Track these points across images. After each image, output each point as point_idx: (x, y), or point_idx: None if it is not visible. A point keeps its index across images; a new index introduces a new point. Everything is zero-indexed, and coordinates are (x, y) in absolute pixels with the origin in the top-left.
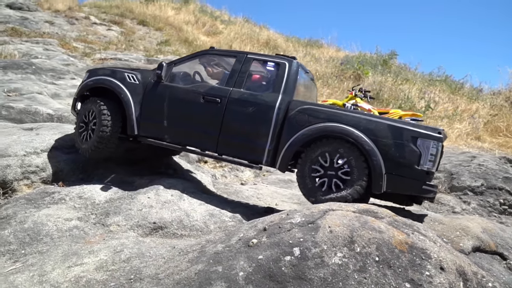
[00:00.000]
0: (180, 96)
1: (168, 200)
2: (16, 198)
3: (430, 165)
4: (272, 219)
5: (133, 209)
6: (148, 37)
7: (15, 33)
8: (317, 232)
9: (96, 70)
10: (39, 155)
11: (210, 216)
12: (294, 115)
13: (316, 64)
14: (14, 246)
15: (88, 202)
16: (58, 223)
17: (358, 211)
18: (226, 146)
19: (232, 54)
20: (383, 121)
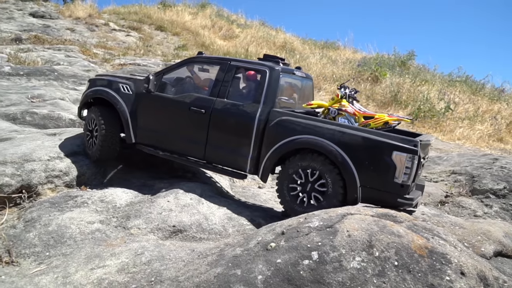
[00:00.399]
0: (168, 106)
1: (187, 204)
2: (41, 201)
3: (405, 178)
4: (290, 223)
5: (153, 212)
6: (166, 42)
7: (38, 41)
8: (335, 236)
9: (95, 81)
10: (62, 159)
11: (228, 219)
12: (272, 127)
13: (333, 66)
14: (39, 248)
15: (110, 206)
16: (81, 226)
17: (376, 215)
18: (213, 154)
19: (216, 61)
20: (358, 133)
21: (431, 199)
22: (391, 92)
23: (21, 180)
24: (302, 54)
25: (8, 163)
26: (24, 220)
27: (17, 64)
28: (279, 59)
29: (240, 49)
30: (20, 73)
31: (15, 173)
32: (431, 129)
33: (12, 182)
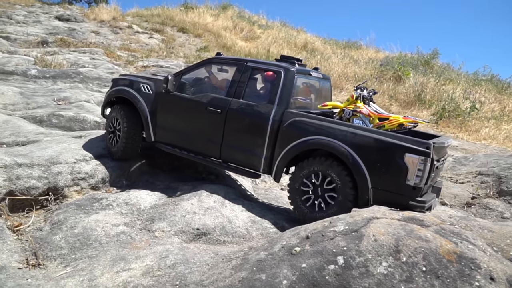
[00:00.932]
0: (186, 106)
1: (210, 207)
2: (67, 204)
3: (417, 181)
4: (314, 226)
5: (177, 215)
6: (188, 43)
7: (63, 44)
8: (361, 240)
9: (118, 80)
10: (88, 162)
11: (252, 222)
12: (286, 127)
13: (355, 66)
14: (65, 251)
15: (134, 208)
16: (106, 228)
17: (403, 219)
18: (229, 154)
19: (233, 62)
20: (370, 134)
21: (457, 201)
22: (414, 91)
23: (48, 182)
24: (323, 54)
25: (35, 166)
26: (51, 223)
27: (43, 67)
28: (295, 60)
29: (262, 50)
30: (47, 76)
31: (42, 176)
32: (456, 129)
33: (39, 185)
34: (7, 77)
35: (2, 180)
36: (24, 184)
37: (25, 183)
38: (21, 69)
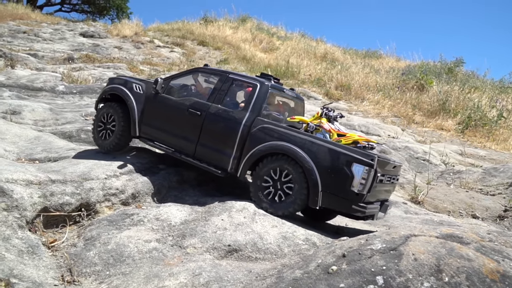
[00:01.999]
0: (170, 107)
1: (241, 222)
2: (99, 219)
3: (360, 188)
4: (350, 244)
5: (208, 231)
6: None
7: (88, 59)
8: (401, 259)
9: (114, 79)
10: (118, 177)
11: (283, 239)
12: (255, 132)
13: (376, 75)
14: (99, 267)
15: (165, 224)
16: (138, 244)
17: (441, 236)
18: (202, 152)
19: (217, 73)
20: (325, 144)
21: (489, 214)
22: (438, 100)
23: (81, 198)
24: (343, 64)
25: (68, 182)
26: (84, 239)
27: (70, 83)
28: (272, 77)
29: (281, 61)
30: (73, 92)
31: (75, 192)
32: (483, 139)
33: (72, 201)
34: (36, 94)
35: (37, 197)
36: (58, 200)
37: (59, 199)
38: (49, 85)
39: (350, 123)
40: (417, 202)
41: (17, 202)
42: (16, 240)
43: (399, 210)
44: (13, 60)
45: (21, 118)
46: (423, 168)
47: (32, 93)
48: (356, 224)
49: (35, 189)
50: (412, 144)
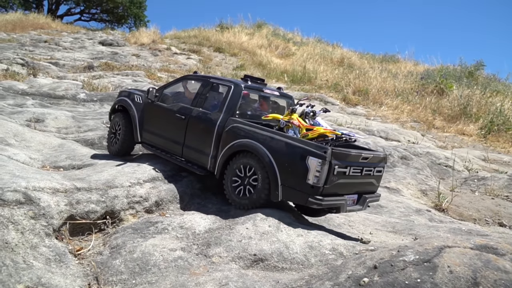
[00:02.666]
0: (162, 113)
1: (266, 231)
2: (124, 227)
3: (315, 180)
4: (381, 255)
5: (233, 240)
6: (224, 63)
7: (108, 67)
8: (435, 272)
9: (121, 92)
10: (142, 185)
11: (309, 248)
12: (227, 131)
13: (393, 80)
14: (125, 276)
15: (189, 232)
16: (163, 253)
17: (476, 247)
18: (188, 153)
19: (200, 78)
20: (283, 139)
21: None
22: (459, 105)
23: (106, 206)
24: (360, 68)
25: (93, 190)
26: (110, 247)
27: (91, 91)
28: (256, 79)
29: (297, 67)
30: (94, 99)
31: (99, 200)
32: (507, 143)
33: (98, 209)
34: (58, 102)
35: (64, 205)
36: (83, 208)
37: (85, 207)
38: (70, 93)
39: (369, 128)
40: (441, 210)
41: (44, 210)
42: (44, 248)
43: (423, 218)
44: (35, 69)
45: (45, 126)
46: (446, 174)
47: (55, 101)
48: (380, 233)
49: (62, 197)
50: (434, 150)
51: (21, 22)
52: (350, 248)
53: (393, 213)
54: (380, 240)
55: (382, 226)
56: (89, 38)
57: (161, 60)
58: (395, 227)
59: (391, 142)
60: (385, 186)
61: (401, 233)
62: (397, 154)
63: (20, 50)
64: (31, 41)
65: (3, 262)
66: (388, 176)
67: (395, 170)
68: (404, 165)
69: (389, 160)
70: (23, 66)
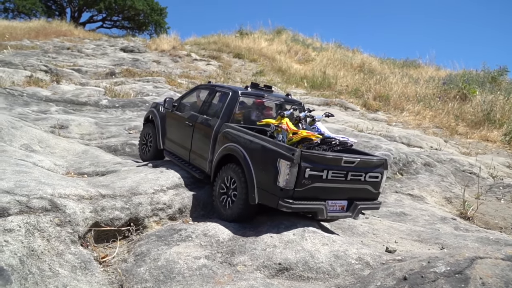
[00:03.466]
0: (177, 121)
1: (290, 240)
2: (148, 234)
3: (284, 183)
4: (411, 266)
5: (257, 248)
6: (244, 68)
7: (129, 74)
8: (467, 284)
9: (153, 103)
10: (166, 192)
11: (335, 257)
12: (219, 136)
13: (415, 85)
14: (150, 284)
15: (213, 240)
16: (188, 261)
17: (507, 258)
18: (193, 158)
19: (208, 87)
20: (260, 141)
21: None
22: (483, 110)
23: (130, 213)
24: (381, 74)
25: (117, 197)
26: (134, 254)
27: (112, 97)
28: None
29: (317, 72)
30: (116, 105)
31: (124, 207)
32: None
33: (122, 216)
34: (81, 108)
35: (89, 212)
36: (108, 215)
37: (109, 214)
38: (93, 99)
39: (390, 134)
40: (466, 218)
41: (69, 217)
42: (69, 255)
43: (448, 226)
44: (58, 76)
45: (68, 132)
46: (470, 181)
47: (77, 107)
48: (406, 242)
49: (87, 204)
50: (457, 156)
51: (44, 29)
52: (377, 258)
53: (417, 221)
54: (406, 249)
55: (407, 235)
56: (111, 45)
57: (181, 66)
58: (421, 236)
59: (413, 148)
60: (409, 194)
61: (427, 242)
62: (420, 161)
63: (43, 57)
64: (54, 48)
65: (30, 270)
66: (411, 183)
67: (418, 177)
68: (427, 172)
69: (412, 167)
70: (47, 73)
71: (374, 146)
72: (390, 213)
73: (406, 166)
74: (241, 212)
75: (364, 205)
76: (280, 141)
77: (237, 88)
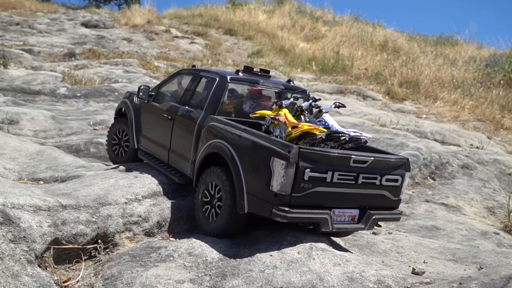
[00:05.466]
0: (154, 114)
1: (294, 259)
2: (119, 254)
3: (279, 187)
4: None
5: (254, 270)
6: (237, 48)
7: (92, 55)
8: None
9: (126, 93)
10: (141, 202)
11: (349, 280)
12: (203, 132)
13: (451, 68)
14: None
15: (200, 260)
16: (169, 286)
17: None
18: (173, 159)
19: (192, 72)
20: (250, 137)
21: None
22: None
23: (97, 228)
24: (409, 54)
25: (81, 208)
26: (103, 278)
27: (73, 84)
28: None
29: (329, 52)
30: (77, 95)
31: (90, 220)
32: None
33: (87, 231)
34: (34, 98)
35: (47, 226)
36: (71, 230)
37: (72, 229)
38: (48, 87)
39: (420, 129)
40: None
41: (24, 232)
42: (26, 277)
43: (490, 242)
44: (5, 58)
45: (19, 128)
46: None
47: (30, 97)
48: (437, 262)
49: (44, 217)
50: (503, 157)
51: None
52: (400, 281)
53: (452, 236)
54: (436, 270)
55: (439, 253)
56: (69, 18)
57: (158, 45)
58: (456, 255)
59: (448, 147)
60: (442, 203)
61: (463, 262)
62: (456, 163)
63: None
64: (0, 24)
65: None
66: (445, 190)
67: (454, 183)
68: (465, 176)
69: (446, 170)
70: None
71: (399, 144)
72: (419, 227)
73: (439, 169)
74: (227, 225)
75: (380, 215)
76: (277, 137)
77: (225, 72)
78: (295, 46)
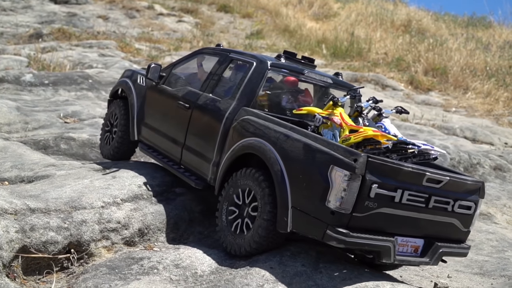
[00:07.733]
0: (164, 100)
1: (298, 272)
2: (95, 265)
3: (338, 203)
4: None
5: (251, 284)
6: (233, 28)
7: (63, 36)
8: None
9: (126, 71)
10: (120, 206)
11: None
12: (233, 128)
13: (484, 54)
14: None
15: (188, 273)
16: None
17: None
18: (187, 157)
19: (218, 52)
20: (301, 138)
21: None
22: None
23: (69, 235)
24: (436, 36)
25: (52, 212)
26: None
27: (40, 70)
28: (291, 55)
29: (342, 34)
30: (45, 82)
31: (61, 226)
32: None
33: (59, 238)
34: None
35: (14, 232)
36: (40, 237)
37: (42, 235)
38: (12, 74)
39: (447, 125)
40: None
41: None
42: None
43: None
44: None
45: None
46: None
47: None
48: (462, 276)
49: (11, 221)
50: None
51: None
52: None
53: (481, 248)
54: (461, 285)
55: (465, 267)
56: None
57: (139, 24)
58: (483, 267)
59: (480, 145)
60: None
61: (490, 275)
62: (488, 163)
63: None
64: None
65: None
66: None
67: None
68: (498, 179)
69: (477, 172)
70: None
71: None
72: None
73: (469, 170)
74: (260, 244)
75: (448, 248)
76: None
77: (264, 57)
78: (301, 26)
